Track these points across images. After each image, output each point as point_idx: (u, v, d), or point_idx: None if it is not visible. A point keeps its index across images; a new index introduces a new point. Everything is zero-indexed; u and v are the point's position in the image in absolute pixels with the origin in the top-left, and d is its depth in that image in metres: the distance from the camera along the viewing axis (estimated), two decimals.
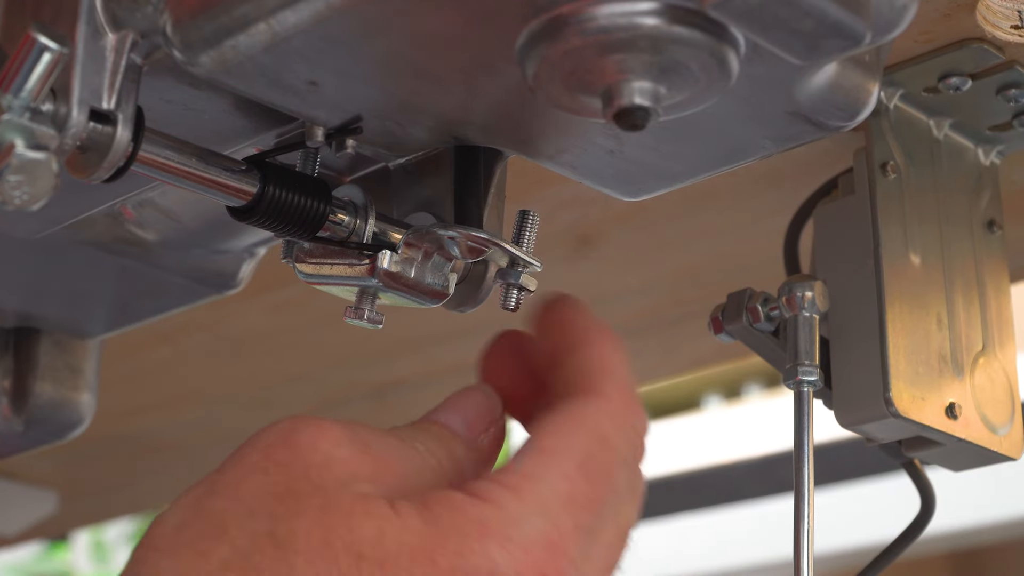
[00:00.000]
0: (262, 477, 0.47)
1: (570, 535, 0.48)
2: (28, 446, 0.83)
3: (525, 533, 0.47)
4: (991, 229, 0.73)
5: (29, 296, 0.77)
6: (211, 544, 0.46)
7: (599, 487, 0.49)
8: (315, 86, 0.51)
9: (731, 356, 1.10)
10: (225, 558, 0.45)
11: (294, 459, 0.47)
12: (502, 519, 0.47)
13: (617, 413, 0.50)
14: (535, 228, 0.57)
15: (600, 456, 0.49)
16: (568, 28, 0.45)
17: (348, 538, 0.45)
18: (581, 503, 0.48)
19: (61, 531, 2.51)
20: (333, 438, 0.48)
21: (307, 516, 0.46)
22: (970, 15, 0.63)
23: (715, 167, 0.57)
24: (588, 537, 0.48)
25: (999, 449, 0.70)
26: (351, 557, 0.45)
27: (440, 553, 0.46)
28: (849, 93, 0.53)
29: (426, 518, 0.47)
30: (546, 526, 0.47)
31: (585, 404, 0.50)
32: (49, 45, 0.47)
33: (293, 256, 0.58)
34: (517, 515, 0.47)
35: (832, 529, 2.22)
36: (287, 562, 0.45)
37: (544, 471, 0.48)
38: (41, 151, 0.48)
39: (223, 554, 0.45)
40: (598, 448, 0.49)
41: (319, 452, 0.48)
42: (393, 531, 0.46)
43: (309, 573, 0.45)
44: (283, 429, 0.48)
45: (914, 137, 0.70)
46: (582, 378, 0.51)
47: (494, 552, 0.46)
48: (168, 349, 1.07)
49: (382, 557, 0.45)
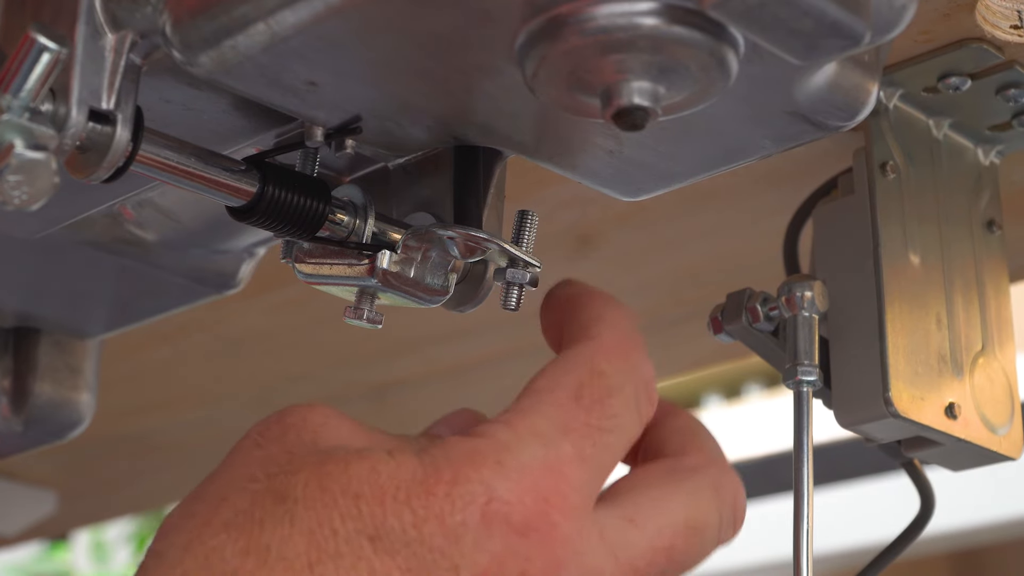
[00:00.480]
0: (257, 451, 0.48)
1: (569, 460, 0.48)
2: (28, 446, 0.83)
3: (520, 458, 0.47)
4: (991, 229, 0.73)
5: (29, 296, 0.77)
6: (213, 512, 0.47)
7: (594, 415, 0.49)
8: (314, 86, 0.51)
9: (731, 356, 1.10)
10: (227, 519, 0.46)
11: (286, 432, 0.49)
12: (495, 447, 0.47)
13: (610, 349, 0.51)
14: (534, 228, 0.57)
15: (593, 386, 0.50)
16: (567, 28, 0.45)
17: (344, 481, 0.46)
18: (577, 430, 0.49)
19: (61, 531, 2.51)
20: (322, 412, 0.49)
21: (304, 470, 0.47)
22: (969, 15, 0.63)
23: (714, 167, 0.57)
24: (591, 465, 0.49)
25: (998, 449, 0.70)
26: (349, 498, 0.46)
27: (435, 483, 0.46)
28: (848, 93, 0.53)
29: (421, 457, 0.47)
30: (542, 451, 0.48)
31: (577, 347, 0.51)
32: (48, 45, 0.47)
33: (292, 256, 0.58)
34: (510, 442, 0.48)
35: (832, 529, 2.22)
36: (287, 511, 0.46)
37: (537, 404, 0.49)
38: (40, 151, 0.48)
39: (225, 516, 0.46)
40: (589, 379, 0.50)
41: (310, 423, 0.49)
42: (387, 469, 0.47)
43: (309, 517, 0.46)
44: (275, 413, 0.50)
45: (914, 137, 0.70)
46: (579, 330, 0.52)
47: (488, 477, 0.47)
48: (168, 349, 1.07)
49: (379, 494, 0.46)
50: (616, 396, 0.50)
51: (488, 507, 0.46)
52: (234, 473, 0.48)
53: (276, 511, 0.46)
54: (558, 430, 0.48)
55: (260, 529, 0.46)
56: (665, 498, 0.51)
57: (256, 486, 0.47)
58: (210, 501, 0.47)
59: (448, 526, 0.46)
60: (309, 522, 0.45)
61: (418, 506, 0.46)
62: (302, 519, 0.46)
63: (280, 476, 0.47)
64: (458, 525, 0.46)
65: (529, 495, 0.47)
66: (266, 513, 0.46)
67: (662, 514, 0.50)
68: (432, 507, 0.46)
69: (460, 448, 0.47)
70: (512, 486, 0.47)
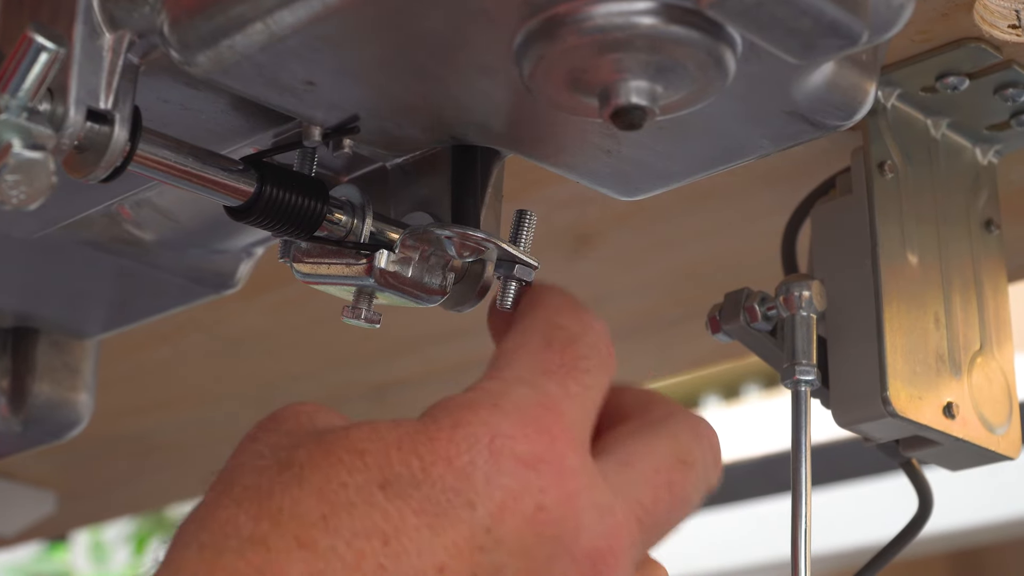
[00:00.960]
0: (256, 445, 0.49)
1: (559, 398, 0.49)
2: (26, 446, 0.83)
3: (511, 399, 0.48)
4: (989, 228, 0.73)
5: (27, 296, 0.77)
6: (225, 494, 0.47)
7: (567, 356, 0.50)
8: (312, 86, 0.51)
9: (729, 356, 1.10)
10: (237, 496, 0.47)
11: (283, 421, 0.49)
12: (486, 394, 0.48)
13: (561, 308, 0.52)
14: (532, 228, 0.57)
15: (557, 336, 0.51)
16: (565, 27, 0.45)
17: (347, 442, 0.47)
18: (557, 372, 0.50)
19: (60, 531, 2.51)
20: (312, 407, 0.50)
21: (307, 443, 0.47)
22: (967, 14, 0.63)
23: (712, 167, 0.57)
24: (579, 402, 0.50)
25: (997, 449, 0.70)
26: (354, 455, 0.46)
27: (436, 430, 0.47)
28: (846, 92, 0.53)
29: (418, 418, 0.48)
30: (531, 392, 0.48)
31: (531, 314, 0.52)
32: (46, 45, 0.47)
33: (290, 256, 0.58)
34: (499, 389, 0.48)
35: (830, 529, 2.22)
36: (294, 475, 0.46)
37: (512, 359, 0.50)
38: (38, 151, 0.48)
39: (235, 494, 0.47)
40: (552, 331, 0.51)
41: (304, 412, 0.50)
42: (387, 427, 0.47)
43: (317, 477, 0.46)
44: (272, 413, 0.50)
45: (912, 136, 0.70)
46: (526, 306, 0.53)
47: (487, 417, 0.47)
48: (167, 349, 1.07)
49: (383, 447, 0.46)
50: (581, 341, 0.51)
51: (493, 443, 0.46)
52: (241, 459, 0.49)
53: (283, 477, 0.46)
54: (540, 373, 0.49)
55: (270, 496, 0.46)
56: (651, 442, 0.52)
57: (262, 463, 0.47)
58: (220, 487, 0.48)
59: (457, 466, 0.46)
60: (317, 481, 0.46)
61: (424, 451, 0.46)
62: (310, 479, 0.46)
63: (284, 451, 0.47)
64: (467, 464, 0.46)
65: (532, 428, 0.47)
66: (274, 482, 0.46)
67: (653, 454, 0.51)
68: (438, 451, 0.46)
69: (454, 400, 0.48)
70: (514, 422, 0.47)
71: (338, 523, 0.45)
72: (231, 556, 0.45)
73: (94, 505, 1.48)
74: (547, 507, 0.46)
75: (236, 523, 0.46)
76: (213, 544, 0.45)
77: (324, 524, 0.45)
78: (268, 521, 0.45)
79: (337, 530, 0.45)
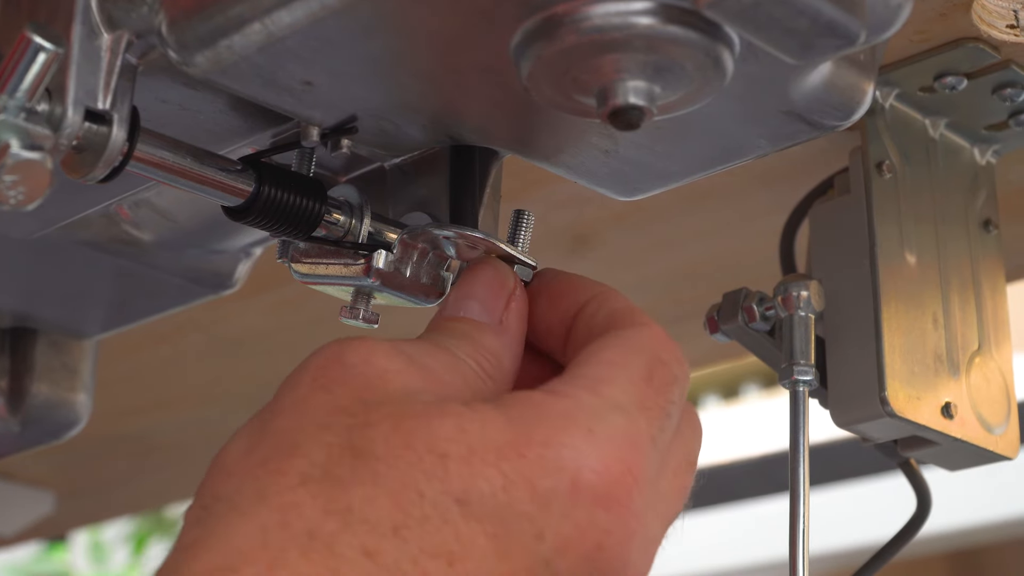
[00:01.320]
0: (323, 395, 0.46)
1: (646, 437, 0.47)
2: (25, 446, 0.83)
3: (606, 427, 0.46)
4: (987, 228, 0.73)
5: (25, 296, 0.77)
6: (286, 461, 0.45)
7: (662, 398, 0.49)
8: (310, 86, 0.51)
9: (728, 356, 1.10)
10: (303, 472, 0.44)
11: (350, 375, 0.47)
12: (584, 412, 0.46)
13: (665, 340, 0.50)
14: (530, 227, 0.57)
15: (661, 372, 0.49)
16: (563, 27, 0.45)
17: (429, 439, 0.45)
18: (652, 411, 0.48)
19: (59, 531, 2.51)
20: (382, 352, 0.48)
21: (382, 424, 0.45)
22: (965, 15, 0.63)
23: (711, 167, 0.57)
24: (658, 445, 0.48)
25: (995, 448, 0.70)
26: (435, 457, 0.44)
27: (525, 445, 0.45)
28: (844, 92, 0.53)
29: (506, 414, 0.46)
30: (624, 424, 0.47)
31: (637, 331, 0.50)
32: (44, 45, 0.47)
33: (289, 256, 0.58)
34: (597, 410, 0.47)
35: (828, 529, 2.22)
36: (369, 469, 0.44)
37: (614, 377, 0.48)
38: (36, 151, 0.48)
39: (300, 468, 0.45)
40: (657, 365, 0.49)
41: (373, 366, 0.47)
42: (474, 428, 0.45)
43: (393, 478, 0.44)
44: (331, 351, 0.48)
45: (910, 136, 0.70)
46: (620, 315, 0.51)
47: (579, 442, 0.46)
48: (165, 349, 1.07)
49: (467, 454, 0.45)
50: (676, 386, 0.50)
51: (579, 477, 0.45)
52: (303, 419, 0.46)
53: (357, 469, 0.44)
54: (637, 406, 0.48)
55: (341, 488, 0.44)
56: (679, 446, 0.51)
57: (331, 438, 0.45)
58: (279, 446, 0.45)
59: (538, 491, 0.45)
60: (393, 483, 0.44)
61: (508, 468, 0.45)
62: (386, 479, 0.44)
63: (357, 429, 0.45)
64: (547, 492, 0.45)
65: (615, 466, 0.46)
66: (345, 470, 0.44)
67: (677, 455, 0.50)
68: (523, 470, 0.45)
69: (549, 408, 0.46)
70: (602, 456, 0.46)
71: (408, 536, 0.43)
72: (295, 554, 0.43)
73: (93, 505, 1.48)
74: (606, 547, 0.46)
75: (301, 512, 0.44)
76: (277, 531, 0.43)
77: (394, 536, 0.43)
78: (336, 520, 0.44)
79: (406, 544, 0.43)
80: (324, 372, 0.47)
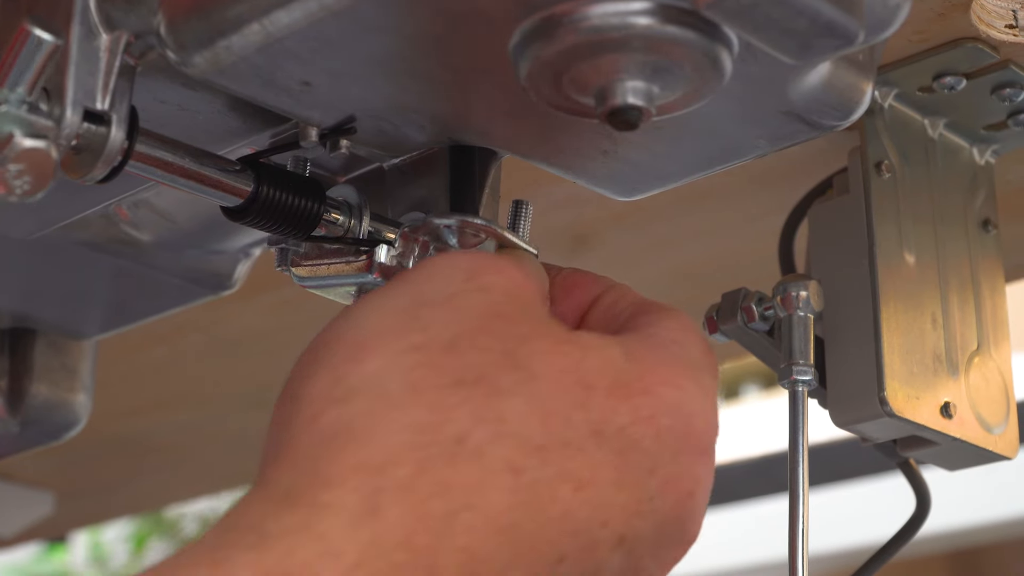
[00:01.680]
0: (481, 295, 0.47)
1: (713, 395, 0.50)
2: (24, 447, 0.83)
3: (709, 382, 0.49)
4: (986, 228, 0.73)
5: (24, 297, 0.77)
6: (440, 356, 0.45)
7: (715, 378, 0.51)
8: (308, 86, 0.51)
9: (728, 356, 1.10)
10: (459, 374, 0.44)
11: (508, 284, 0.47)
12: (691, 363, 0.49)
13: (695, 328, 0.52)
14: (529, 217, 0.57)
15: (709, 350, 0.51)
16: (561, 28, 0.45)
17: (579, 370, 0.46)
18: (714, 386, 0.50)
19: (59, 532, 2.51)
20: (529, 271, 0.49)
21: (541, 341, 0.46)
22: (964, 14, 0.63)
23: (709, 167, 0.57)
24: None
25: (994, 448, 0.70)
26: (582, 388, 0.46)
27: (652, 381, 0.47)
28: (843, 92, 0.53)
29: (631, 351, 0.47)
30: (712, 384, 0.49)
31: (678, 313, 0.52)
32: (43, 37, 0.47)
33: (288, 262, 0.58)
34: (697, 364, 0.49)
35: (828, 529, 2.22)
36: (527, 384, 0.45)
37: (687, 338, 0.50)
38: (40, 139, 0.48)
39: (455, 368, 0.45)
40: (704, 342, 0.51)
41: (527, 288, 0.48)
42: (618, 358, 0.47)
43: (548, 398, 0.45)
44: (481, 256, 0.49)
45: (909, 137, 0.70)
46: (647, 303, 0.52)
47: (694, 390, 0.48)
48: (165, 350, 1.07)
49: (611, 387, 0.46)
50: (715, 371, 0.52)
51: (692, 421, 0.47)
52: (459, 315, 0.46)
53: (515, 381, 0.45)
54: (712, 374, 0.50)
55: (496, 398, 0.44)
56: None
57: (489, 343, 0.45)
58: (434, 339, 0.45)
59: (659, 429, 0.46)
60: (547, 403, 0.45)
61: (639, 404, 0.46)
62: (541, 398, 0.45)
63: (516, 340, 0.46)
64: (666, 429, 0.47)
65: (715, 422, 0.49)
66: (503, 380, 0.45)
67: None
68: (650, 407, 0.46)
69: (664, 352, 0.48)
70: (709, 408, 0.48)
71: (548, 459, 0.44)
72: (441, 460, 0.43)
73: (93, 506, 1.48)
74: (696, 496, 0.48)
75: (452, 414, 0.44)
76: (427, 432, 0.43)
77: (537, 455, 0.44)
78: (488, 429, 0.44)
79: (545, 466, 0.44)
80: (479, 273, 0.47)
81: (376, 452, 0.43)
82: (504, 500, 0.43)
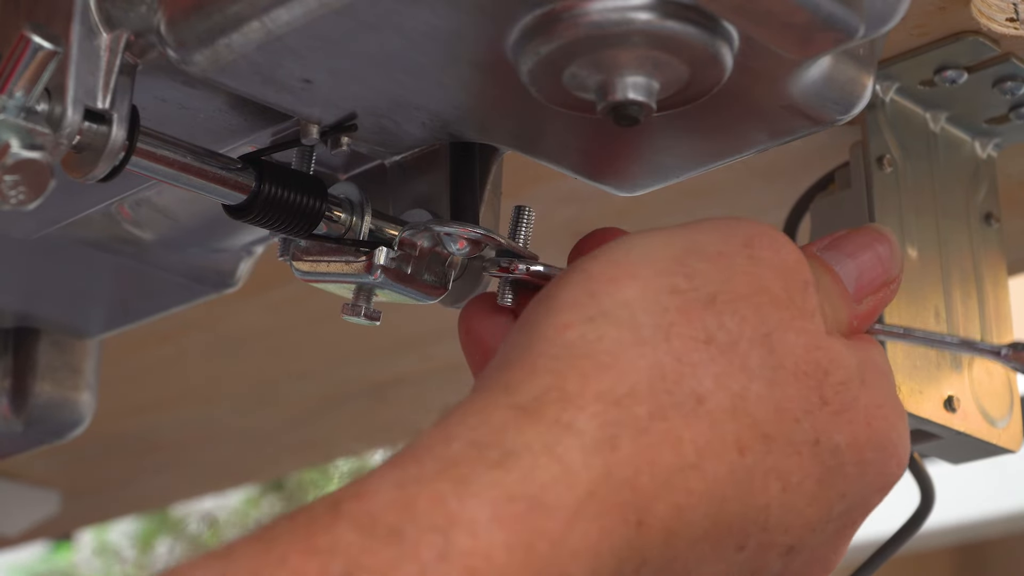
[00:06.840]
0: (752, 264, 0.47)
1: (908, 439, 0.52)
2: (28, 446, 0.83)
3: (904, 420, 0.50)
4: (988, 222, 0.73)
5: (27, 296, 0.77)
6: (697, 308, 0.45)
7: None
8: (309, 84, 0.51)
9: None
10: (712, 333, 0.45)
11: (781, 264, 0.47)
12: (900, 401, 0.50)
13: None
14: (531, 223, 0.57)
15: None
16: (561, 24, 0.45)
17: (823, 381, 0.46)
18: None
19: (64, 531, 2.51)
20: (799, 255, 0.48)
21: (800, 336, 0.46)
22: (965, 8, 0.63)
23: (711, 162, 0.57)
24: None
25: (998, 442, 0.70)
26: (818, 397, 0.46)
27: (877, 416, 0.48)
28: (844, 87, 0.53)
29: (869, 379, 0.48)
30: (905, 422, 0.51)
31: None
32: (43, 44, 0.47)
33: (290, 254, 0.58)
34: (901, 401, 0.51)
35: None
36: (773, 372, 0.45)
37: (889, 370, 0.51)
38: (37, 150, 0.48)
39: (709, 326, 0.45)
40: None
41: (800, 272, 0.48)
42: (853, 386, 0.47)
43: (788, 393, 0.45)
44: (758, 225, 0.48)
45: (910, 130, 0.70)
46: None
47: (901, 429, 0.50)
48: (168, 348, 1.07)
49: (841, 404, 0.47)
50: None
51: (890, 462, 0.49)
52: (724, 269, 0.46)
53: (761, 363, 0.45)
54: None
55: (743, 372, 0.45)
56: None
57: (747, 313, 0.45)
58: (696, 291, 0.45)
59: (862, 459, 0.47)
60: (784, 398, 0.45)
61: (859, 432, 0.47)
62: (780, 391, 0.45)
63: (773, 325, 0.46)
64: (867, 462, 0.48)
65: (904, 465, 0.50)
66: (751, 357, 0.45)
67: None
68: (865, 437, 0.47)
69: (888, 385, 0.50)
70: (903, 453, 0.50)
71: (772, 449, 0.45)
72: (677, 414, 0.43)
73: (98, 504, 1.48)
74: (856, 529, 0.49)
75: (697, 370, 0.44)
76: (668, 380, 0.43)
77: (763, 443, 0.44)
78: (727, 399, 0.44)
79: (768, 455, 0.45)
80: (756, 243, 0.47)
81: (618, 383, 0.43)
82: (723, 473, 0.43)
